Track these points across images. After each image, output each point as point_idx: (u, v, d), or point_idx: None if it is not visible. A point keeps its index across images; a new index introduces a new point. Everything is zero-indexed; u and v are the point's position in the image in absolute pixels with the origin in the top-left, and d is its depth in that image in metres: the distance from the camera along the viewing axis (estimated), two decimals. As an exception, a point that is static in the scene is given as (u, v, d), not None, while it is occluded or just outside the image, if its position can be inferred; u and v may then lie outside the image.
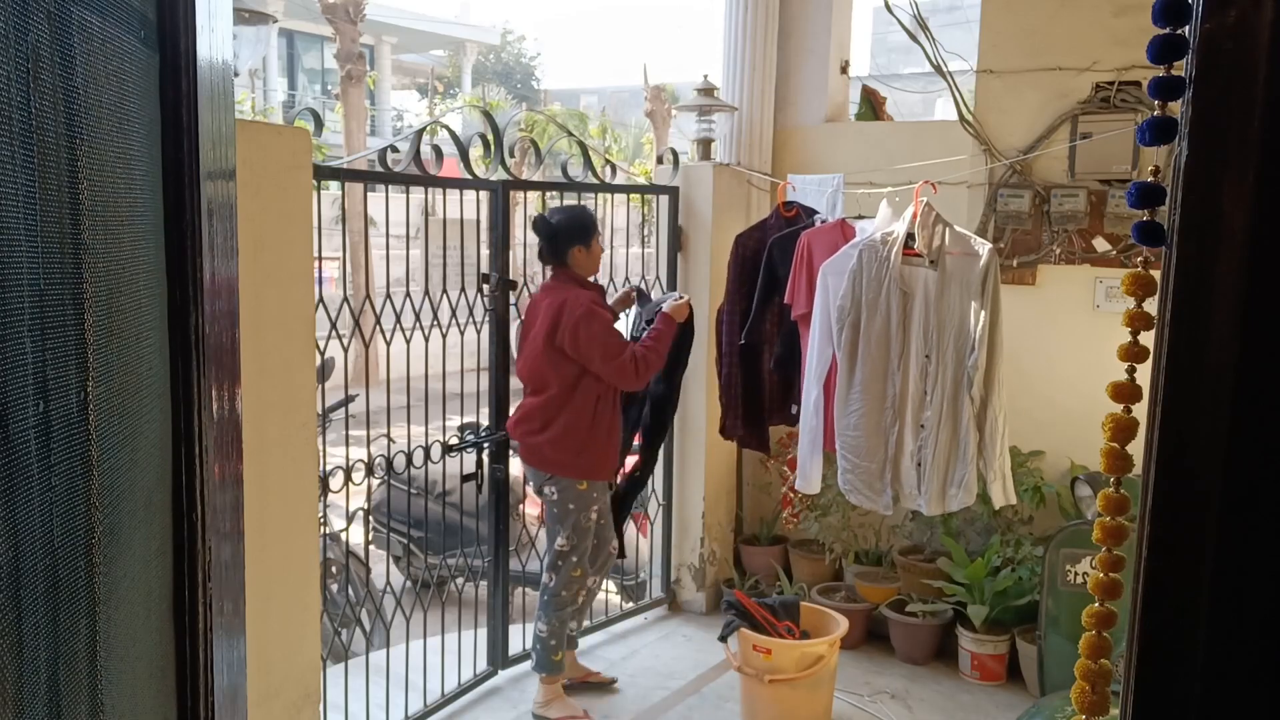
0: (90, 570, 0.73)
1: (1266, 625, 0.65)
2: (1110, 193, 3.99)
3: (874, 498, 3.59)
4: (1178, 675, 0.68)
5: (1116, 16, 3.89)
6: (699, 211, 4.69)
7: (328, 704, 3.18)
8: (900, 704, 4.02)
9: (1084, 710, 0.89)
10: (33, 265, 0.65)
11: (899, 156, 4.55)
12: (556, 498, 3.71)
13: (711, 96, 4.67)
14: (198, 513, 0.92)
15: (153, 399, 0.87)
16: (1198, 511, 0.66)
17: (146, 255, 0.85)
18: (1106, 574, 0.88)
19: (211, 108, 0.93)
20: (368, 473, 3.38)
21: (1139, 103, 3.91)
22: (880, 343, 3.51)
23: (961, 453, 3.45)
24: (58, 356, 0.68)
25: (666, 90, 13.47)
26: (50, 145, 0.66)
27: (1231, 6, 0.62)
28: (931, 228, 3.44)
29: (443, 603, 4.47)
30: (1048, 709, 2.92)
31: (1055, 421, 4.13)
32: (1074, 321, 4.12)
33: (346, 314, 3.35)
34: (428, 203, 5.00)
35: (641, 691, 4.06)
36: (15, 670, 0.62)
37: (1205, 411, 0.65)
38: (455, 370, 3.99)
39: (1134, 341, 0.84)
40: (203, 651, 0.94)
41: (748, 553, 4.97)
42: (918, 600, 4.35)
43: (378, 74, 21.09)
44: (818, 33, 4.92)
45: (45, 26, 0.66)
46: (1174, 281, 0.66)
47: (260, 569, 2.52)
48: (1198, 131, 0.65)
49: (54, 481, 0.67)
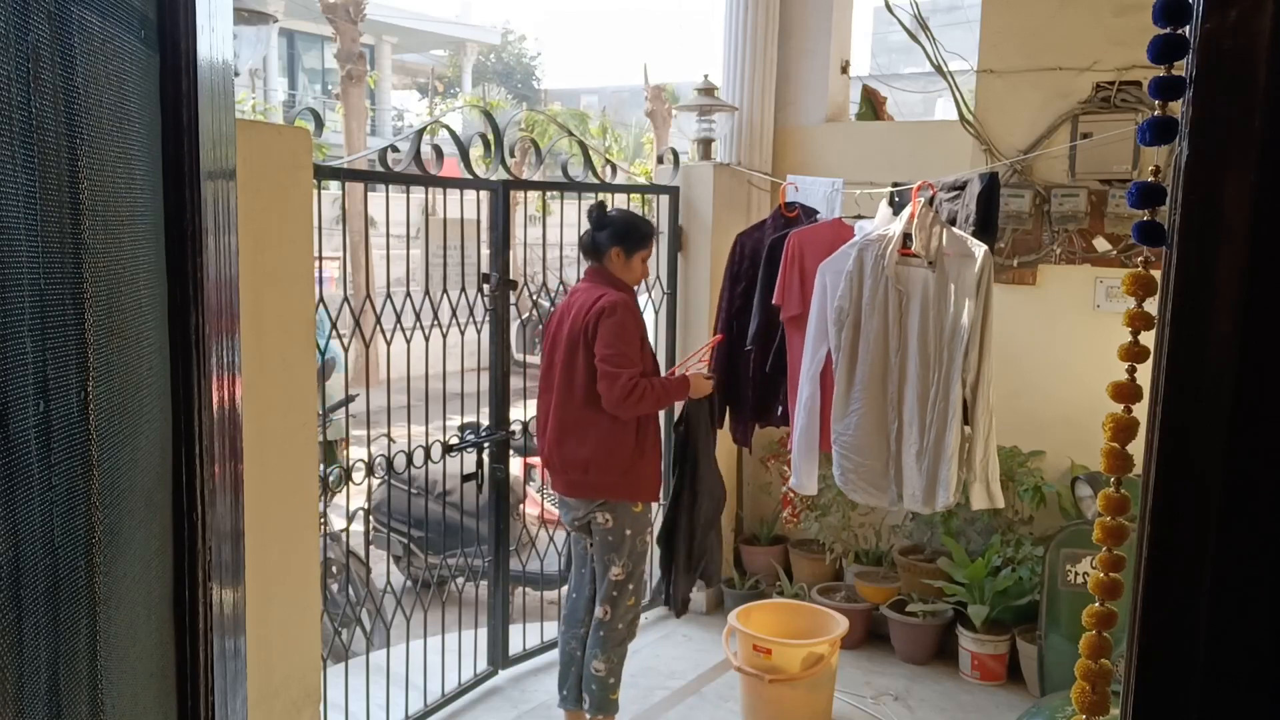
0: (90, 570, 0.73)
1: (1266, 625, 0.65)
2: (1111, 193, 3.99)
3: (879, 495, 3.59)
4: (1178, 675, 0.68)
5: (1117, 16, 3.89)
6: (699, 211, 4.69)
7: (328, 704, 3.18)
8: (900, 704, 4.01)
9: (1084, 710, 0.89)
10: (33, 265, 0.65)
11: (899, 156, 4.55)
12: (611, 525, 3.40)
13: (712, 96, 4.67)
14: (198, 513, 0.92)
15: (153, 399, 0.87)
16: (1198, 511, 0.66)
17: (146, 255, 0.85)
18: (1107, 574, 0.88)
19: (212, 108, 0.93)
20: (368, 473, 3.38)
21: (1139, 103, 3.91)
22: (879, 342, 3.51)
23: (946, 452, 3.45)
24: (58, 356, 0.68)
25: (666, 90, 13.46)
26: (50, 145, 0.66)
27: (1231, 6, 0.62)
28: (929, 228, 3.44)
29: (443, 602, 4.47)
30: (1048, 709, 2.92)
31: (1055, 421, 4.13)
32: (1074, 321, 4.12)
33: (347, 314, 3.35)
34: (428, 202, 5.01)
35: (641, 691, 4.06)
36: (15, 670, 0.62)
37: (1205, 412, 0.65)
38: (455, 370, 3.98)
39: (1134, 341, 0.84)
40: (203, 651, 0.94)
41: (748, 553, 4.97)
42: (918, 600, 4.35)
43: (378, 74, 21.09)
44: (818, 33, 4.92)
45: (45, 26, 0.66)
46: (1174, 281, 0.66)
47: (260, 569, 2.52)
48: (1198, 131, 0.65)
49: (54, 481, 0.67)
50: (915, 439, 3.49)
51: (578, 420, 3.36)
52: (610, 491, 3.37)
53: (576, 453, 3.36)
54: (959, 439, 3.44)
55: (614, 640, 3.50)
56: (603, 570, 3.48)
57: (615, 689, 3.54)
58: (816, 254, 3.75)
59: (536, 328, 7.38)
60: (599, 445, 3.33)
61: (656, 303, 4.66)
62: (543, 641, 4.34)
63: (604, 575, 3.47)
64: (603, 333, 3.27)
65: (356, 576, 4.47)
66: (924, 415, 3.47)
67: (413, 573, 4.82)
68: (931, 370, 3.46)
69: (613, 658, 3.50)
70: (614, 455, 3.33)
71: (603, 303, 3.30)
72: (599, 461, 3.34)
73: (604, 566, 3.47)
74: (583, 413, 3.34)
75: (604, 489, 3.37)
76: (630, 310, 3.37)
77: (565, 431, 3.38)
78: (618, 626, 3.49)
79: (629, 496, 3.40)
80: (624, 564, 3.43)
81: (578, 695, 3.59)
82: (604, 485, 3.37)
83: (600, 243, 3.45)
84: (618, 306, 3.30)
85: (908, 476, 3.52)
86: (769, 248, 4.09)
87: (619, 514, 3.40)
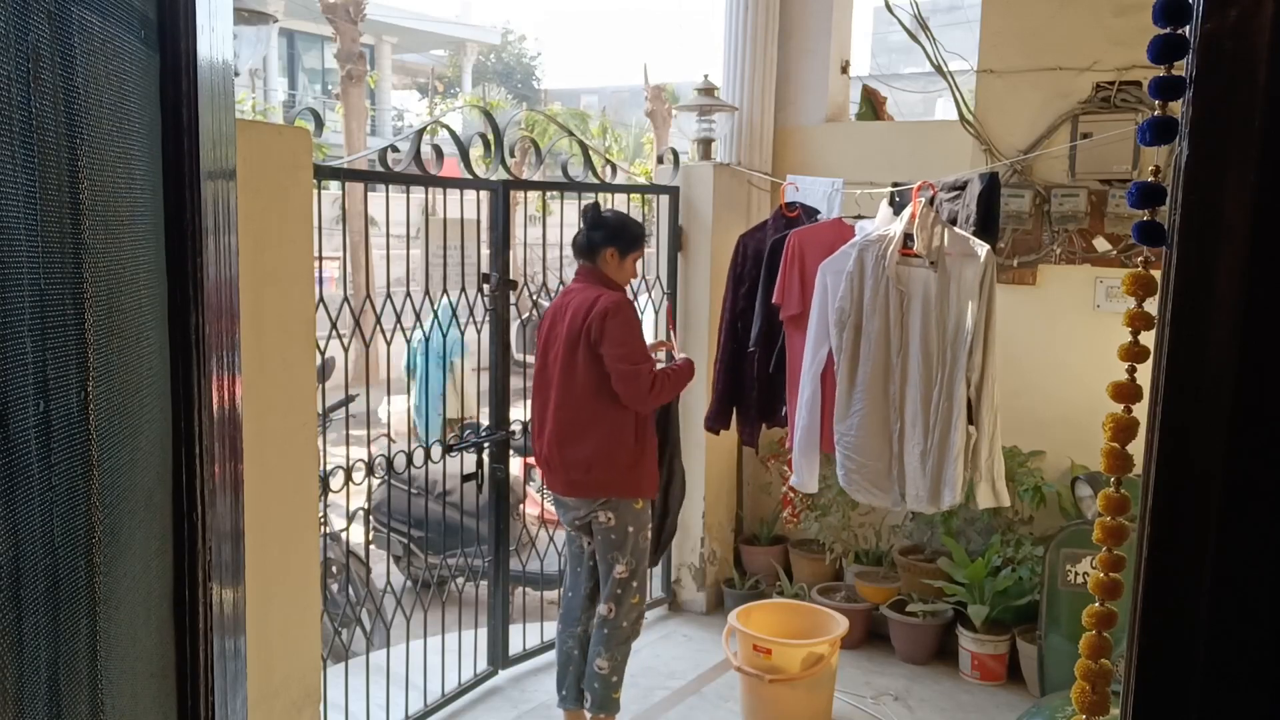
0: (90, 570, 0.73)
1: (1267, 625, 0.65)
2: (1111, 193, 3.99)
3: (882, 495, 3.60)
4: (1178, 675, 0.68)
5: (1117, 16, 3.89)
6: (699, 211, 4.69)
7: (328, 703, 3.18)
8: (900, 704, 4.02)
9: (1084, 710, 0.89)
10: (33, 265, 0.65)
11: (899, 156, 4.55)
12: (614, 523, 3.41)
13: (712, 96, 4.67)
14: (198, 513, 0.92)
15: (153, 399, 0.87)
16: (1198, 512, 0.66)
17: (146, 255, 0.85)
18: (1107, 574, 0.88)
19: (212, 108, 0.93)
20: (368, 472, 3.38)
21: (1139, 103, 3.91)
22: (880, 343, 3.51)
23: (951, 452, 3.45)
24: (58, 356, 0.68)
25: (666, 90, 13.46)
26: (50, 145, 0.66)
27: (1231, 6, 0.62)
28: (930, 228, 3.44)
29: (443, 602, 4.47)
30: (1048, 709, 2.92)
31: (1055, 421, 4.13)
32: (1074, 321, 4.12)
33: (347, 314, 3.35)
34: (428, 202, 5.01)
35: (641, 691, 4.06)
36: (15, 670, 0.62)
37: (1205, 412, 0.65)
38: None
39: (1134, 341, 0.84)
40: (203, 651, 0.94)
41: (748, 553, 4.97)
42: (918, 600, 4.35)
43: (378, 74, 21.09)
44: (818, 33, 4.92)
45: (45, 26, 0.66)
46: (1174, 281, 0.66)
47: (260, 569, 2.52)
48: (1198, 131, 0.65)
49: (54, 481, 0.67)
50: (919, 439, 3.49)
51: (579, 420, 3.36)
52: (613, 489, 3.38)
53: (579, 452, 3.36)
54: (964, 439, 3.44)
55: (618, 638, 3.49)
56: (606, 569, 3.48)
57: (617, 688, 3.54)
58: (817, 254, 3.75)
59: (537, 328, 7.39)
60: (601, 444, 3.34)
61: (656, 303, 4.66)
62: (543, 641, 4.34)
63: (608, 574, 3.47)
64: (612, 333, 3.27)
65: (356, 576, 4.47)
66: (927, 415, 3.47)
67: (413, 573, 4.83)
68: (934, 370, 3.46)
69: (616, 656, 3.50)
70: (616, 453, 3.34)
71: (604, 303, 3.31)
72: (602, 460, 3.34)
73: (608, 565, 3.47)
74: (584, 412, 3.34)
75: (607, 487, 3.38)
76: (630, 307, 3.41)
77: (566, 431, 3.38)
78: (622, 624, 3.48)
79: (631, 494, 3.40)
80: (628, 561, 3.44)
81: (577, 694, 3.59)
82: (607, 483, 3.37)
83: (595, 242, 3.45)
84: (620, 305, 3.32)
85: (911, 477, 3.52)
86: (770, 248, 4.09)
87: (621, 512, 3.41)
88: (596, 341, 3.30)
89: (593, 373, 3.32)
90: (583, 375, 3.33)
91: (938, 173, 3.94)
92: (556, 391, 3.40)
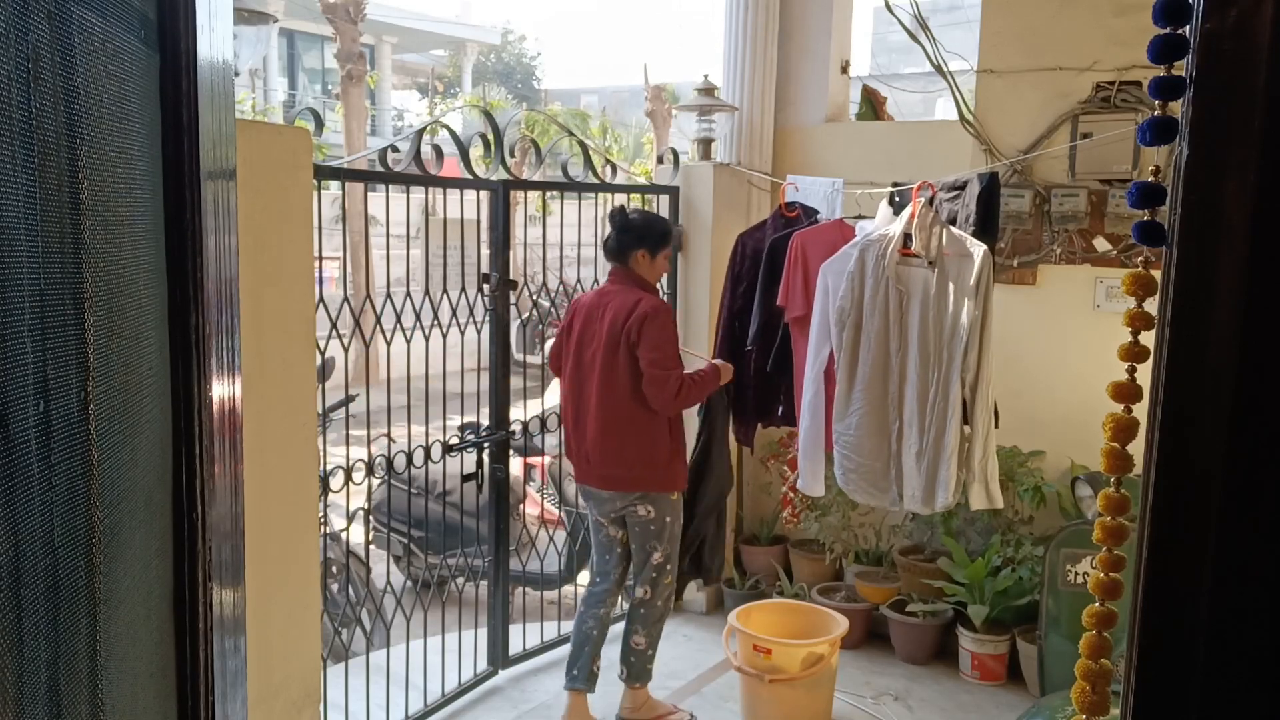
0: (90, 570, 0.73)
1: (1266, 625, 0.65)
2: (1111, 193, 3.99)
3: (879, 495, 3.60)
4: (1178, 675, 0.68)
5: (1117, 16, 3.89)
6: (699, 211, 4.69)
7: (328, 703, 3.18)
8: (900, 704, 4.02)
9: (1084, 710, 0.89)
10: (33, 265, 0.65)
11: (899, 156, 4.55)
12: (653, 515, 3.61)
13: (712, 96, 4.67)
14: (198, 513, 0.92)
15: (153, 399, 0.87)
16: (1198, 512, 0.66)
17: (146, 255, 0.85)
18: (1107, 574, 0.88)
19: (212, 108, 0.93)
20: (368, 472, 3.38)
21: (1139, 103, 3.91)
22: (880, 342, 3.52)
23: (945, 452, 3.45)
24: (58, 356, 0.68)
25: (666, 90, 13.45)
26: (50, 145, 0.66)
27: (1231, 6, 0.62)
28: (930, 228, 3.44)
29: (443, 602, 4.47)
30: (1048, 709, 2.92)
31: (1055, 421, 4.13)
32: (1074, 321, 4.12)
33: (347, 314, 3.35)
34: (428, 202, 5.01)
35: (642, 691, 4.06)
36: (15, 670, 0.62)
37: (1205, 412, 0.65)
38: (455, 370, 3.98)
39: (1134, 341, 0.84)
40: (203, 651, 0.94)
41: (748, 553, 4.97)
42: (918, 600, 4.35)
43: (378, 74, 21.09)
44: (818, 33, 4.92)
45: (45, 26, 0.66)
46: (1174, 281, 0.66)
47: (260, 569, 2.51)
48: (1198, 131, 0.65)
49: (54, 481, 0.67)
50: (915, 439, 3.49)
51: (621, 417, 3.52)
52: (651, 484, 3.59)
53: (621, 448, 3.55)
54: (958, 439, 3.44)
55: (654, 616, 3.74)
56: (644, 556, 3.68)
57: (652, 660, 3.79)
58: (819, 254, 3.76)
59: (537, 328, 7.38)
60: (642, 441, 3.53)
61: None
62: (543, 641, 4.35)
63: (645, 561, 3.68)
64: (649, 336, 3.44)
65: (356, 576, 4.47)
66: (924, 415, 3.47)
67: (413, 573, 4.82)
68: (931, 370, 3.46)
69: (652, 632, 3.76)
70: (655, 450, 3.55)
71: (645, 307, 3.47)
72: (644, 457, 3.54)
73: (645, 553, 3.68)
74: (626, 410, 3.51)
75: (645, 482, 3.58)
76: (669, 313, 3.61)
77: (609, 428, 3.55)
78: (657, 604, 3.73)
79: (668, 488, 3.62)
80: (664, 549, 3.67)
81: (588, 676, 3.73)
82: (646, 479, 3.58)
83: (626, 245, 3.59)
84: (660, 311, 3.50)
85: (908, 476, 3.52)
86: (770, 248, 4.09)
87: (660, 504, 3.62)
88: (635, 343, 3.46)
89: (631, 374, 3.49)
90: (623, 376, 3.49)
91: (938, 173, 3.94)
92: (598, 390, 3.55)
